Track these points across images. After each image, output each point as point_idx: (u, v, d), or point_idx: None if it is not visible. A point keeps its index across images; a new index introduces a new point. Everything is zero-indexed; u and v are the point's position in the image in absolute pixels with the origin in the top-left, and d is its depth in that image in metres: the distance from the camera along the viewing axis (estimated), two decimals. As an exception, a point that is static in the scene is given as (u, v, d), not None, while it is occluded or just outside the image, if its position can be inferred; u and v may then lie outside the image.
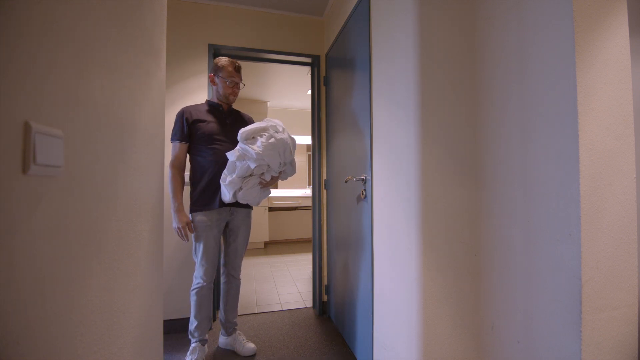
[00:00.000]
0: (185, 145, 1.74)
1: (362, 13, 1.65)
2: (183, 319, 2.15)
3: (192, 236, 1.73)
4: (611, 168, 0.80)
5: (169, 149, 2.14)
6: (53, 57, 0.50)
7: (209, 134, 1.74)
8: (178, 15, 2.21)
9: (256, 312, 2.46)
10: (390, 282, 1.35)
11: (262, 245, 4.79)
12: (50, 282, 0.49)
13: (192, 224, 1.71)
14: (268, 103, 4.96)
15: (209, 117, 1.77)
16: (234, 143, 1.76)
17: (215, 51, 2.29)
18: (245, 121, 1.92)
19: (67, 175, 0.54)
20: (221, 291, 1.92)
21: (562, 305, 0.82)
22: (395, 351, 1.29)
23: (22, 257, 0.43)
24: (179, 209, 1.67)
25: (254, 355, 1.85)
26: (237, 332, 1.94)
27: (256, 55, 2.43)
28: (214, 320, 2.29)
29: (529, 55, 0.93)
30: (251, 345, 1.88)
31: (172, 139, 1.75)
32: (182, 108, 1.79)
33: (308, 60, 2.51)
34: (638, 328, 0.83)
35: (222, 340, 1.94)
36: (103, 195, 0.67)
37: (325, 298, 2.44)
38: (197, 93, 2.25)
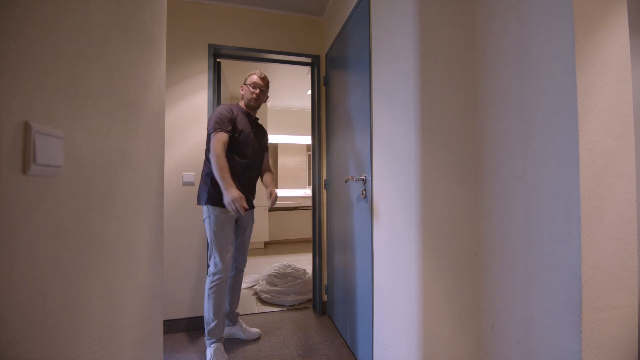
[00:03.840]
0: (228, 136, 1.75)
1: (362, 13, 1.65)
2: (183, 319, 2.15)
3: (208, 232, 1.79)
4: (611, 168, 0.80)
5: (170, 148, 2.15)
6: (53, 57, 0.50)
7: (243, 141, 1.84)
8: (178, 15, 2.21)
9: (256, 312, 2.46)
10: (390, 281, 1.35)
11: (262, 245, 4.79)
12: (50, 282, 0.49)
13: (207, 219, 1.78)
14: (268, 103, 4.96)
15: (245, 124, 1.88)
16: (257, 152, 1.93)
17: (215, 51, 2.29)
18: (264, 133, 2.07)
19: (67, 175, 0.54)
20: (227, 285, 1.99)
21: (562, 306, 0.82)
22: (395, 351, 1.29)
23: (22, 257, 0.43)
24: (230, 185, 1.64)
25: (259, 338, 2.03)
26: (240, 320, 2.06)
27: (256, 55, 2.43)
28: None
29: (529, 55, 0.93)
30: (255, 329, 2.05)
31: (216, 129, 1.73)
32: (225, 105, 1.85)
33: (308, 60, 2.51)
34: (638, 328, 0.83)
35: (226, 330, 2.02)
36: (103, 195, 0.67)
37: (325, 298, 2.44)
38: (197, 93, 2.25)
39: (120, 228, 0.76)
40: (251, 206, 1.96)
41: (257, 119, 2.03)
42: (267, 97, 2.01)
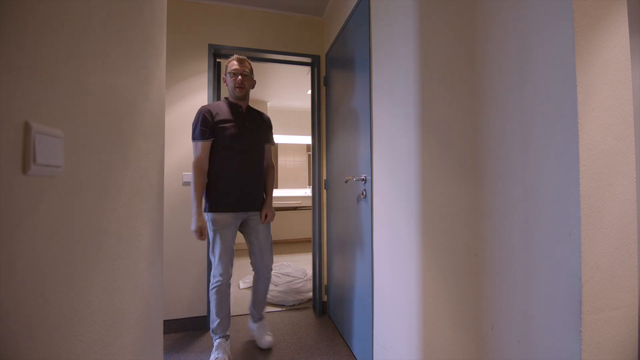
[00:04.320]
0: (208, 144, 1.72)
1: (362, 13, 1.65)
2: (183, 319, 2.15)
3: (208, 235, 1.77)
4: (611, 168, 0.80)
5: (170, 148, 2.15)
6: (53, 57, 0.50)
7: (231, 137, 1.75)
8: (178, 15, 2.21)
9: (256, 312, 2.46)
10: (390, 281, 1.35)
11: (262, 245, 4.78)
12: (51, 282, 0.49)
13: (207, 224, 1.76)
14: (268, 103, 4.96)
15: (231, 118, 1.77)
16: (252, 147, 1.81)
17: (215, 51, 2.29)
18: (264, 123, 1.94)
19: (67, 175, 0.54)
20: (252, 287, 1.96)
21: (562, 306, 0.82)
22: (395, 351, 1.29)
23: (22, 257, 0.43)
24: (197, 212, 1.68)
25: (270, 348, 1.90)
26: (263, 322, 1.99)
27: (256, 55, 2.43)
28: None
29: (529, 55, 0.93)
30: (268, 338, 1.92)
31: (194, 138, 1.71)
32: (203, 107, 1.77)
33: (308, 60, 2.51)
34: (638, 328, 0.83)
35: (250, 325, 2.03)
36: (103, 195, 0.67)
37: (325, 298, 2.44)
38: (197, 93, 2.25)
39: (121, 228, 0.76)
40: (257, 208, 1.85)
41: (250, 107, 1.89)
42: (255, 81, 1.86)
